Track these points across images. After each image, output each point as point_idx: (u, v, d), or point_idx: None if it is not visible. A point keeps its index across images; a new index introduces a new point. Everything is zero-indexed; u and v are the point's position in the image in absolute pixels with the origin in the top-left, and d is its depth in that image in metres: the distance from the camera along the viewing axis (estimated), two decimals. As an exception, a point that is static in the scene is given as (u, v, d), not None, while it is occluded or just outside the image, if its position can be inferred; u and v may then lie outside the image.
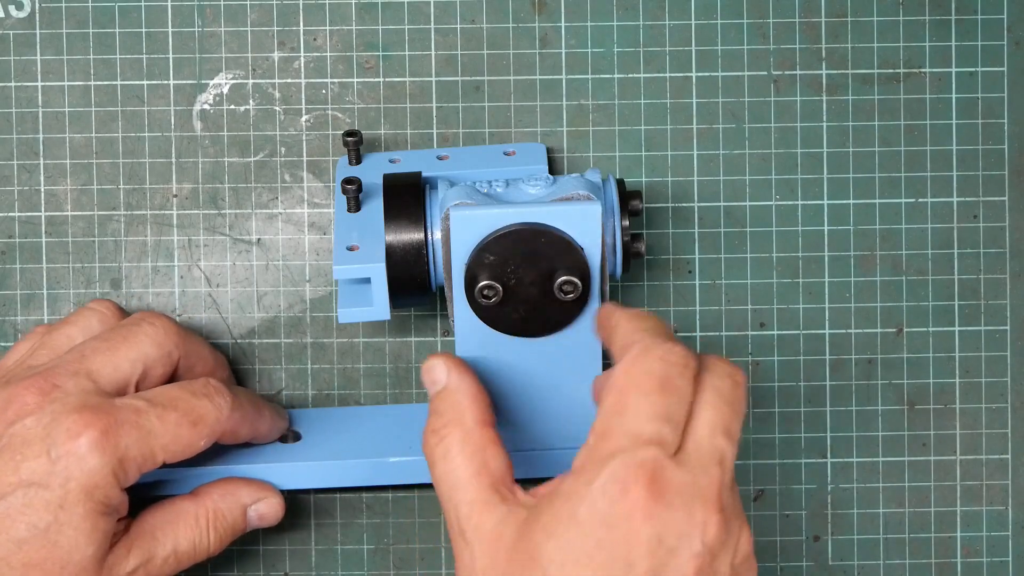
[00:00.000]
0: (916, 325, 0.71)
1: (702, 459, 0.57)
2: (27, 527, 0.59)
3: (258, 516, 0.65)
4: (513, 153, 0.68)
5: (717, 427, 0.57)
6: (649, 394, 0.57)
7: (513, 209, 0.61)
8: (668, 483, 0.56)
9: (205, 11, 0.70)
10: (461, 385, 0.62)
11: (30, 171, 0.70)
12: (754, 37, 0.70)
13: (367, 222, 0.65)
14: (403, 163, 0.67)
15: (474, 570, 0.58)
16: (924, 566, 0.71)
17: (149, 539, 0.63)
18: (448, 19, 0.70)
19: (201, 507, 0.64)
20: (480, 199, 0.61)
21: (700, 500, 0.56)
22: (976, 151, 0.71)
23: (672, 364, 0.57)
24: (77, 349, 0.63)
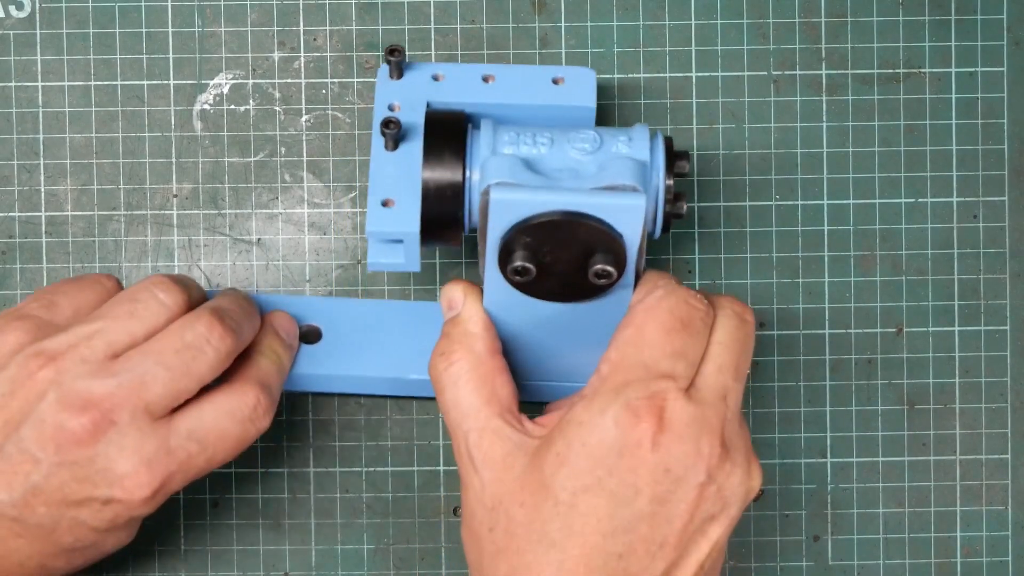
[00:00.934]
0: (916, 325, 0.71)
1: (709, 394, 0.59)
2: (73, 540, 0.61)
3: (285, 333, 0.66)
4: (562, 80, 0.65)
5: (724, 364, 0.60)
6: (670, 331, 0.59)
7: (555, 196, 0.59)
8: (677, 415, 0.58)
9: (205, 11, 0.70)
10: (475, 314, 0.63)
11: (30, 171, 0.70)
12: (754, 37, 0.70)
13: (405, 165, 0.62)
14: (446, 81, 0.65)
15: (483, 496, 0.59)
16: (924, 566, 0.71)
17: (187, 431, 0.62)
18: (448, 19, 0.70)
19: (229, 382, 0.63)
20: (521, 173, 0.59)
21: (706, 432, 0.58)
22: (976, 151, 0.71)
23: (695, 308, 0.60)
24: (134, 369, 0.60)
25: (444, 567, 0.70)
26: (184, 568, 0.70)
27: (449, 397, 0.61)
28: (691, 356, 0.59)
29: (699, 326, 0.60)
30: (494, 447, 0.60)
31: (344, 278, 0.70)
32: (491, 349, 0.62)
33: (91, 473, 0.59)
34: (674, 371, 0.59)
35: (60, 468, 0.59)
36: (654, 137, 0.61)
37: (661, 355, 0.59)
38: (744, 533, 0.70)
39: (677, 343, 0.59)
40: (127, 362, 0.60)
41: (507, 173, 0.59)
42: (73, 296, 0.63)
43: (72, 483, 0.59)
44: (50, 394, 0.59)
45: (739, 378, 0.60)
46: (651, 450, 0.57)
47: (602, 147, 0.60)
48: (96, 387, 0.59)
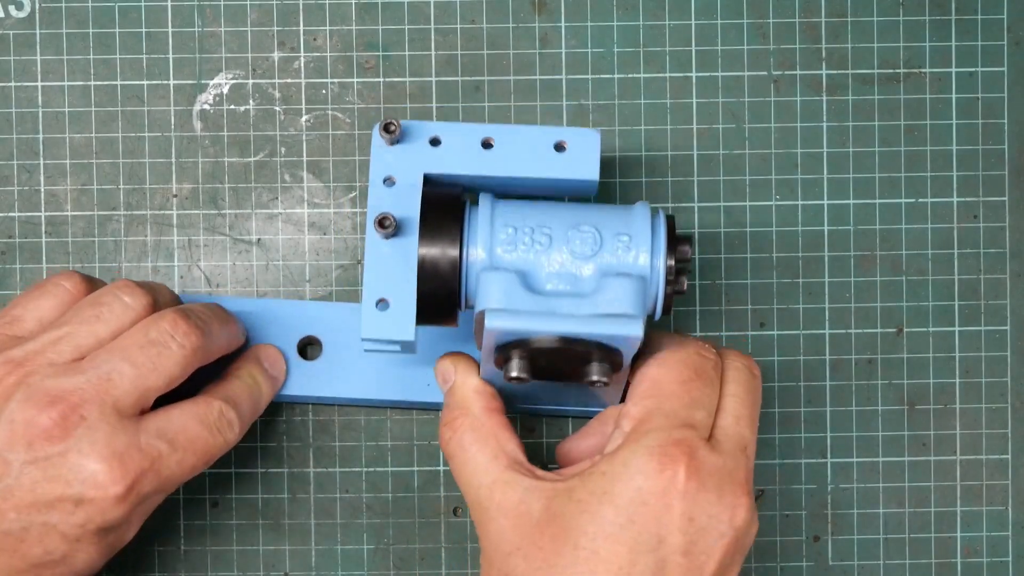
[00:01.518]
0: (916, 325, 0.71)
1: (730, 446, 0.59)
2: (43, 552, 0.60)
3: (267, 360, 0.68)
4: (565, 146, 0.62)
5: (741, 416, 0.61)
6: (686, 382, 0.60)
7: (552, 323, 0.59)
8: (702, 464, 0.58)
9: (205, 11, 0.70)
10: (467, 380, 0.64)
11: (30, 171, 0.70)
12: (754, 37, 0.70)
13: (401, 255, 0.61)
14: (444, 147, 0.62)
15: (501, 542, 0.60)
16: (924, 566, 0.71)
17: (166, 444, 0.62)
18: (448, 19, 0.70)
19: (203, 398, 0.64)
20: (516, 294, 0.59)
21: (730, 484, 0.59)
22: (976, 151, 0.71)
23: (706, 358, 0.61)
24: (100, 367, 0.60)
25: (444, 567, 0.70)
26: (184, 568, 0.70)
27: (458, 461, 0.62)
28: (708, 405, 0.60)
29: (712, 375, 0.61)
30: (507, 495, 0.60)
31: (344, 278, 0.70)
32: (489, 409, 0.63)
33: (62, 471, 0.59)
34: (694, 420, 0.60)
35: (31, 467, 0.59)
36: (655, 216, 0.61)
37: (680, 405, 0.60)
38: (744, 533, 0.71)
39: (695, 392, 0.60)
40: (93, 360, 0.60)
41: (503, 297, 0.59)
42: (34, 307, 0.63)
43: (43, 482, 0.59)
44: (18, 394, 0.59)
45: (754, 431, 0.61)
46: (676, 498, 0.58)
47: (602, 248, 0.60)
48: (64, 383, 0.60)
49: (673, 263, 0.60)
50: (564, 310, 0.59)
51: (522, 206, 0.61)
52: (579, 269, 0.60)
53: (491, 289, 0.59)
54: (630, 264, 0.60)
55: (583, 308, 0.59)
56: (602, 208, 0.61)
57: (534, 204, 0.61)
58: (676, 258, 0.60)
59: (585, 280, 0.60)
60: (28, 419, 0.59)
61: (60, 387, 0.59)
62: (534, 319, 0.59)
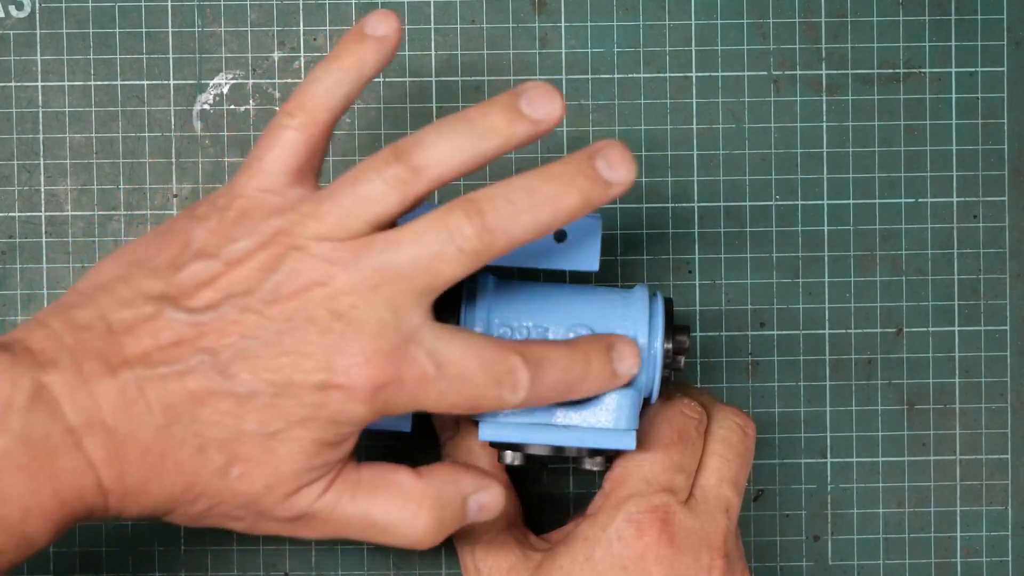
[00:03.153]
0: (916, 325, 0.71)
1: (709, 507, 0.60)
2: (258, 424, 0.54)
3: (479, 507, 0.59)
4: (564, 237, 0.61)
5: (724, 477, 0.61)
6: (668, 445, 0.61)
7: (544, 435, 0.59)
8: (678, 528, 0.59)
9: (205, 11, 0.70)
10: (474, 431, 0.64)
11: (30, 171, 0.70)
12: (754, 37, 0.70)
13: None
14: None
15: None
16: (924, 566, 0.71)
17: (350, 490, 0.57)
18: (448, 19, 0.70)
19: (419, 488, 0.58)
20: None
21: (707, 546, 0.60)
22: (976, 151, 0.71)
23: (690, 418, 0.62)
24: (376, 256, 0.54)
25: (444, 567, 0.70)
26: (184, 568, 0.70)
27: None
28: (688, 467, 0.61)
29: (694, 436, 0.62)
30: (499, 560, 0.61)
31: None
32: (495, 467, 0.64)
33: (317, 349, 0.54)
34: (674, 484, 0.60)
35: (284, 336, 0.54)
36: (653, 298, 0.62)
37: (661, 469, 0.60)
38: (744, 533, 0.71)
39: (675, 456, 0.61)
40: (370, 245, 0.55)
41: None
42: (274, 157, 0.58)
43: (292, 355, 0.54)
44: (284, 265, 0.55)
45: (739, 492, 0.62)
46: (654, 562, 0.59)
47: None
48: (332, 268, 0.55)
49: (670, 346, 0.61)
50: (557, 419, 0.59)
51: (520, 296, 0.61)
52: None
53: None
54: None
55: (576, 418, 0.59)
56: (601, 297, 0.61)
57: (532, 293, 0.61)
58: (674, 347, 0.61)
59: None
60: (297, 287, 0.54)
61: (330, 271, 0.54)
62: (526, 431, 0.59)
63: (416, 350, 0.55)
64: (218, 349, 0.54)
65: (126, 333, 0.54)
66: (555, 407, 0.60)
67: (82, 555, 0.69)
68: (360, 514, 0.57)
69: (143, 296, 0.55)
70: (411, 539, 0.57)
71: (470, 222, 0.54)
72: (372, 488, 0.57)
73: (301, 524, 0.57)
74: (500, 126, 0.55)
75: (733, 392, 0.70)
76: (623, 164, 0.55)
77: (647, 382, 0.60)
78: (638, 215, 0.70)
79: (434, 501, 0.57)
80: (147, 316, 0.54)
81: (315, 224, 0.55)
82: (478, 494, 0.58)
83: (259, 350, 0.54)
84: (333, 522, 0.57)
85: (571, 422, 0.59)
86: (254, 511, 0.56)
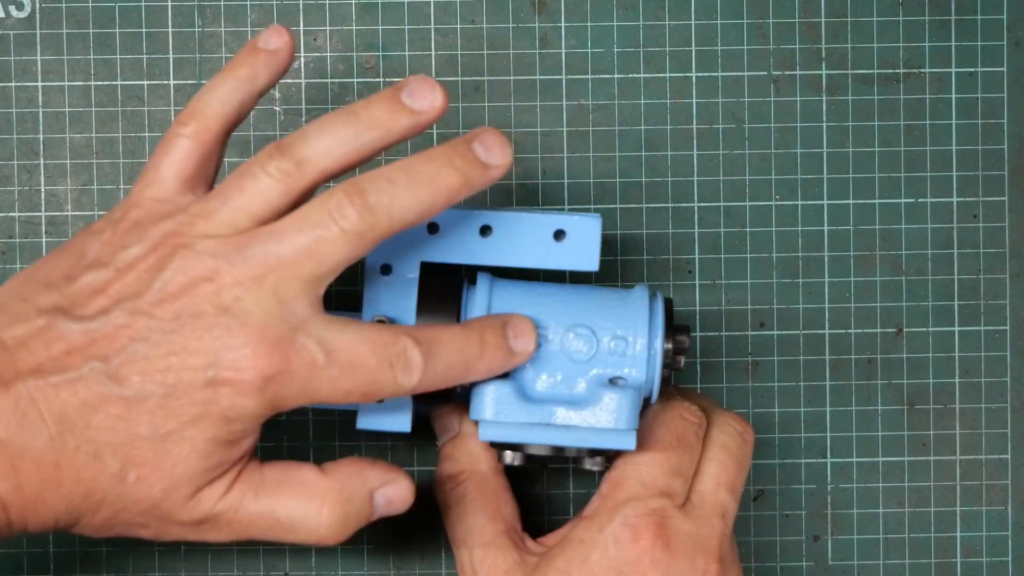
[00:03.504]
0: (916, 325, 0.71)
1: (705, 511, 0.61)
2: (150, 426, 0.54)
3: (386, 501, 0.59)
4: (564, 236, 0.61)
5: (722, 482, 0.62)
6: (666, 449, 0.61)
7: (544, 435, 0.59)
8: (675, 532, 0.60)
9: (205, 11, 0.70)
10: (475, 431, 0.64)
11: (30, 171, 0.70)
12: (754, 37, 0.70)
13: None
14: (442, 235, 0.61)
15: None
16: (924, 566, 0.71)
17: (253, 489, 0.57)
18: (448, 19, 0.70)
19: (322, 482, 0.58)
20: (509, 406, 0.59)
21: (702, 550, 0.60)
22: (976, 151, 0.71)
23: (689, 422, 0.62)
24: (258, 247, 0.55)
25: (444, 567, 0.70)
26: (184, 568, 0.70)
27: (455, 515, 0.63)
28: (686, 471, 0.61)
29: (693, 440, 0.62)
30: (497, 563, 0.62)
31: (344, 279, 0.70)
32: (496, 469, 0.64)
33: (205, 345, 0.54)
34: (671, 488, 0.61)
35: (172, 336, 0.54)
36: (653, 298, 0.62)
37: (659, 472, 0.61)
38: (744, 533, 0.71)
39: (673, 460, 0.61)
40: (253, 238, 0.56)
41: (495, 409, 0.59)
42: (169, 163, 0.58)
43: (181, 353, 0.54)
44: (173, 263, 0.55)
45: (736, 496, 0.62)
46: (650, 566, 0.59)
47: (598, 351, 0.60)
48: (221, 262, 0.55)
49: (670, 345, 0.61)
50: (557, 419, 0.60)
51: (519, 296, 0.61)
52: (574, 374, 0.60)
53: (484, 401, 0.59)
54: (625, 372, 0.60)
55: (576, 418, 0.60)
56: (601, 297, 0.61)
57: (531, 293, 0.61)
58: (674, 347, 0.61)
59: (579, 384, 0.60)
60: (183, 285, 0.55)
61: (216, 266, 0.54)
62: (526, 431, 0.59)
63: (304, 339, 0.55)
64: (109, 354, 0.54)
65: (20, 348, 0.54)
66: (555, 407, 0.59)
67: (82, 555, 0.69)
68: (265, 513, 0.57)
69: (36, 310, 0.55)
70: (316, 535, 0.57)
71: (351, 203, 0.55)
72: (276, 486, 0.57)
73: (206, 527, 0.57)
74: (382, 118, 0.56)
75: (733, 392, 0.70)
76: (499, 147, 0.57)
77: (647, 382, 0.60)
78: (638, 215, 0.70)
79: (338, 495, 0.57)
80: (40, 329, 0.55)
81: (203, 223, 0.56)
82: (384, 488, 0.58)
83: (148, 351, 0.54)
84: (238, 523, 0.57)
85: (571, 422, 0.59)
86: (157, 516, 0.56)
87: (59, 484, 0.54)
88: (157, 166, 0.58)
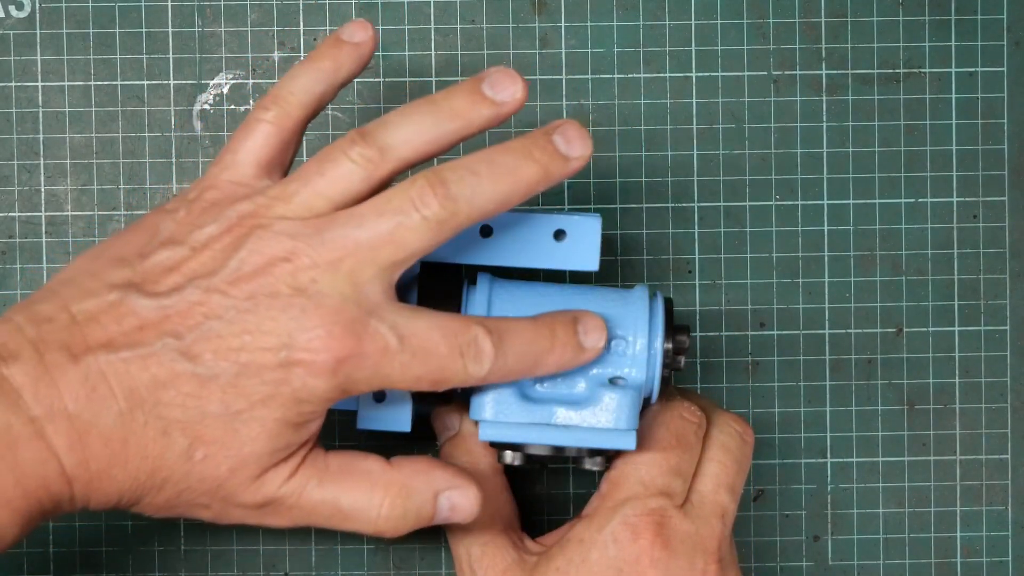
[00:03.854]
0: (916, 325, 0.71)
1: (705, 512, 0.61)
2: (220, 404, 0.54)
3: (450, 506, 0.58)
4: (564, 236, 0.61)
5: (721, 483, 0.62)
6: (666, 448, 0.61)
7: (543, 435, 0.59)
8: (674, 532, 0.60)
9: (205, 11, 0.70)
10: (475, 431, 0.64)
11: (30, 171, 0.70)
12: (754, 37, 0.70)
13: None
14: None
15: None
16: (924, 566, 0.71)
17: (317, 475, 0.57)
18: (448, 19, 0.70)
19: (387, 475, 0.58)
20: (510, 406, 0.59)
21: (701, 550, 0.60)
22: (976, 151, 0.71)
23: (689, 422, 0.62)
24: (337, 230, 0.55)
25: (444, 567, 0.70)
26: (184, 568, 0.70)
27: None
28: (685, 471, 0.61)
29: (693, 440, 0.62)
30: (496, 562, 0.62)
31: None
32: (496, 468, 0.64)
33: (280, 324, 0.54)
34: (670, 488, 0.60)
35: (247, 315, 0.54)
36: (653, 298, 0.62)
37: (658, 472, 0.61)
38: (744, 533, 0.71)
39: (673, 460, 0.61)
40: (332, 221, 0.56)
41: (495, 409, 0.59)
42: (248, 149, 0.59)
43: (255, 332, 0.54)
44: (248, 243, 0.55)
45: (735, 497, 0.62)
46: (649, 565, 0.59)
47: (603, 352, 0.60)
48: (298, 243, 0.55)
49: (670, 345, 0.61)
50: (557, 419, 0.59)
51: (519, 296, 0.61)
52: (574, 374, 0.60)
53: (483, 401, 0.59)
54: (625, 372, 0.60)
55: (576, 418, 0.59)
56: (601, 297, 0.61)
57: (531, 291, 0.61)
58: (674, 347, 0.61)
59: (579, 384, 0.60)
60: (259, 265, 0.54)
61: (294, 247, 0.55)
62: (526, 431, 0.59)
63: (377, 324, 0.55)
64: (182, 331, 0.54)
65: (91, 322, 0.54)
66: (555, 407, 0.59)
67: (82, 555, 0.69)
68: (328, 500, 0.57)
69: (108, 286, 0.55)
70: (375, 526, 0.57)
71: (433, 191, 0.55)
72: (340, 474, 0.57)
73: (268, 511, 0.57)
74: (463, 108, 0.56)
75: (733, 392, 0.70)
76: (579, 140, 0.57)
77: (647, 382, 0.60)
78: (638, 215, 0.70)
79: (401, 489, 0.57)
80: (111, 304, 0.54)
81: (281, 205, 0.56)
82: (450, 492, 0.58)
83: (222, 329, 0.54)
84: (299, 508, 0.57)
85: (571, 422, 0.59)
86: (220, 497, 0.56)
87: (125, 461, 0.54)
88: (236, 149, 0.58)
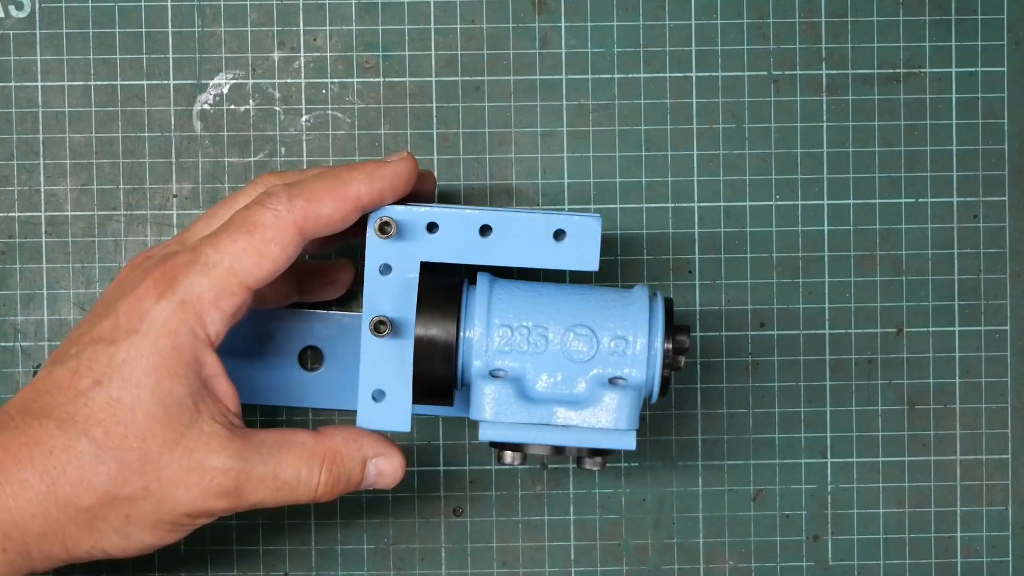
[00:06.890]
0: (916, 325, 0.71)
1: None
2: (92, 380, 0.57)
3: (377, 472, 0.62)
4: (563, 236, 0.61)
5: None
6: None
7: (544, 435, 0.59)
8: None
9: (205, 11, 0.70)
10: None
11: (30, 171, 0.70)
12: (754, 37, 0.70)
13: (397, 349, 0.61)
14: (441, 235, 0.61)
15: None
16: (924, 566, 0.71)
17: (251, 450, 0.59)
18: (448, 19, 0.70)
19: (319, 444, 0.60)
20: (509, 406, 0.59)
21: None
22: (976, 151, 0.71)
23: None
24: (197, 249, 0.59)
25: (444, 567, 0.70)
26: (184, 568, 0.70)
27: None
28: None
29: None
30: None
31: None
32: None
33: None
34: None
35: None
36: (653, 298, 0.62)
37: None
38: (744, 533, 0.71)
39: None
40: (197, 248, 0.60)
41: (496, 409, 0.60)
42: (203, 225, 0.63)
43: None
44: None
45: None
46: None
47: (598, 351, 0.60)
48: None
49: (670, 345, 0.61)
50: (558, 419, 0.60)
51: (519, 296, 0.61)
52: (574, 374, 0.60)
53: (483, 401, 0.60)
54: (625, 372, 0.60)
55: (576, 418, 0.60)
56: (601, 297, 0.61)
57: (531, 292, 0.61)
58: (674, 347, 0.61)
59: (579, 384, 0.60)
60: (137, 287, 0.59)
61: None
62: (527, 431, 0.60)
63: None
64: None
65: None
66: (555, 407, 0.59)
67: (82, 555, 0.69)
68: (269, 475, 0.59)
69: None
70: (313, 494, 0.60)
71: None
72: (275, 447, 0.60)
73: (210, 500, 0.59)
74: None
75: (733, 392, 0.70)
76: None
77: (647, 382, 0.60)
78: (638, 215, 0.70)
79: (335, 456, 0.61)
80: None
81: None
82: (377, 459, 0.61)
83: None
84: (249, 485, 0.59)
85: (571, 422, 0.59)
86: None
87: None
88: None
